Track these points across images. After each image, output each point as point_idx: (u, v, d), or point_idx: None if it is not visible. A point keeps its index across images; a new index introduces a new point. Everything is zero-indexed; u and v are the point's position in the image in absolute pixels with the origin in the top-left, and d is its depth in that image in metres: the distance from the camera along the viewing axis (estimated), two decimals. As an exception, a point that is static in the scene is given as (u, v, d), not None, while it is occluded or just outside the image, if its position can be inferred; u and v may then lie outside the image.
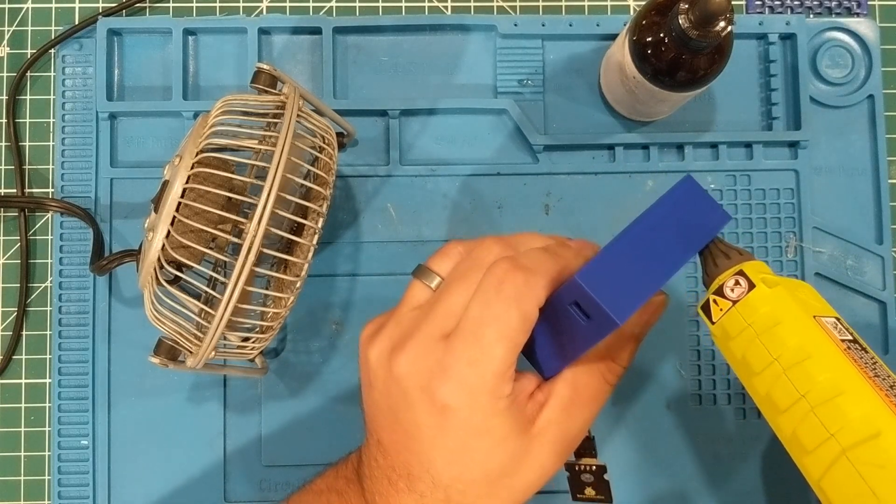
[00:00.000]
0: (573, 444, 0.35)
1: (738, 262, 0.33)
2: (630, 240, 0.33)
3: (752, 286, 0.32)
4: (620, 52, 0.46)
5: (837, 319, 0.33)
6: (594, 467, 0.38)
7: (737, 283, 0.33)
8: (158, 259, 0.39)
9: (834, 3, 0.54)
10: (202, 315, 0.42)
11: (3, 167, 0.52)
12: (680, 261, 0.33)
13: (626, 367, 0.36)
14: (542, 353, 0.35)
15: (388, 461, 0.35)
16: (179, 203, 0.38)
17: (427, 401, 0.33)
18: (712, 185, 0.52)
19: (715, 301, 0.33)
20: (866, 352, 0.33)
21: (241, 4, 0.53)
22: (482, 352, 0.32)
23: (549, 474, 0.35)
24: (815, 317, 0.32)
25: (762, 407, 0.33)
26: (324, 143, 0.43)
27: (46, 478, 0.50)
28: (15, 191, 0.52)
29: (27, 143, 0.52)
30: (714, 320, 0.34)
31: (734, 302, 0.33)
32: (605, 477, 0.38)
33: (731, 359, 0.34)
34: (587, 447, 0.38)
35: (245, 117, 0.41)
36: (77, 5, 0.53)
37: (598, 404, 0.35)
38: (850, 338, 0.33)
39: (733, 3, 0.44)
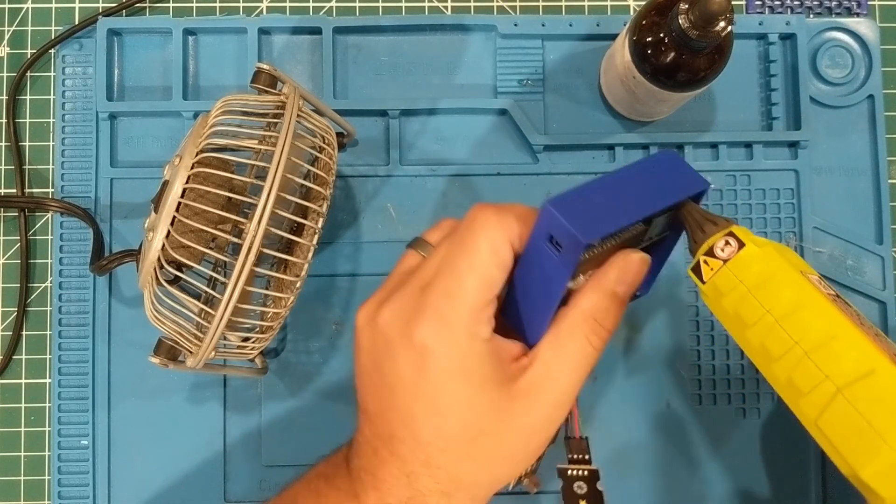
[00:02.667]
0: (559, 410, 0.35)
1: (725, 227, 0.34)
2: (604, 182, 0.34)
3: (742, 245, 0.34)
4: (620, 52, 0.46)
5: (820, 277, 0.35)
6: (586, 472, 0.38)
7: (727, 243, 0.34)
8: (158, 259, 0.39)
9: (834, 3, 0.54)
10: (202, 315, 0.42)
11: (3, 167, 0.52)
12: (652, 206, 0.33)
13: (612, 330, 0.35)
14: (524, 312, 0.35)
15: (373, 429, 0.35)
16: (179, 203, 0.38)
17: (407, 344, 0.33)
18: (713, 186, 0.52)
19: (706, 261, 0.34)
20: (849, 305, 0.35)
21: (241, 4, 0.53)
22: (456, 283, 0.33)
23: (534, 443, 0.35)
24: (801, 272, 0.34)
25: (755, 358, 0.34)
26: (324, 143, 0.43)
27: (46, 478, 0.50)
28: (15, 191, 0.52)
29: (27, 143, 0.52)
30: (705, 280, 0.35)
31: (725, 261, 0.34)
32: (599, 486, 0.38)
33: (723, 315, 0.35)
34: (581, 448, 0.38)
35: (245, 117, 0.41)
36: (77, 5, 0.53)
37: (583, 369, 0.34)
38: (834, 293, 0.35)
39: (733, 3, 0.44)
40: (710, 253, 0.34)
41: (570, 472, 0.38)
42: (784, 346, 0.33)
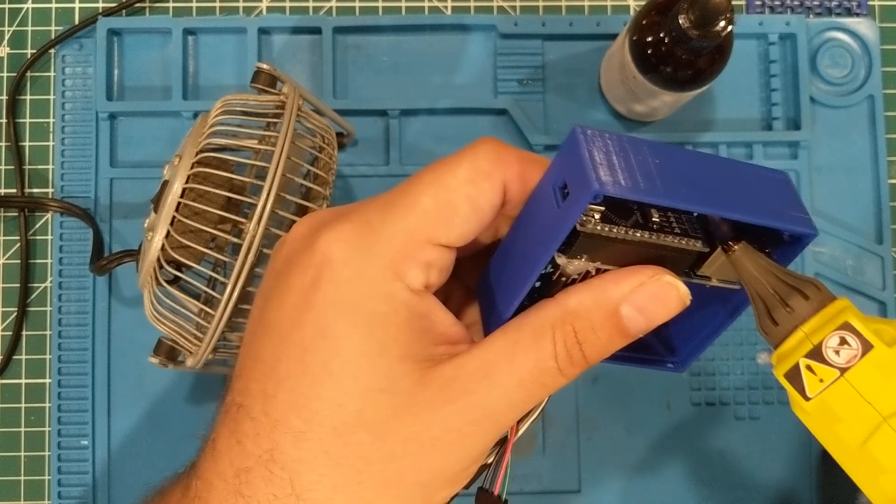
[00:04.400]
0: (479, 432, 0.24)
1: (822, 303, 0.24)
2: (672, 150, 0.24)
3: (867, 346, 0.24)
4: (620, 51, 0.46)
5: None
6: None
7: (843, 341, 0.24)
8: (158, 259, 0.39)
9: (834, 3, 0.54)
10: (202, 315, 0.42)
11: (3, 167, 0.52)
12: (722, 207, 0.23)
13: (589, 358, 0.24)
14: (496, 287, 0.26)
15: (229, 387, 0.26)
16: (179, 203, 0.38)
17: (307, 254, 0.24)
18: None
19: (809, 368, 0.24)
20: None
21: (240, 4, 0.53)
22: (404, 196, 0.24)
23: (430, 471, 0.24)
24: None
25: None
26: (324, 142, 0.43)
27: (46, 478, 0.50)
28: (15, 191, 0.52)
29: (27, 143, 0.52)
30: (810, 395, 0.25)
31: (842, 370, 0.24)
32: None
33: (837, 445, 0.25)
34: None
35: (245, 117, 0.41)
36: (77, 5, 0.53)
37: (533, 389, 0.24)
38: None
39: (733, 3, 0.44)
40: (817, 355, 0.24)
41: None
42: None
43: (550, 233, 0.23)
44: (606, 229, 0.23)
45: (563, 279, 0.25)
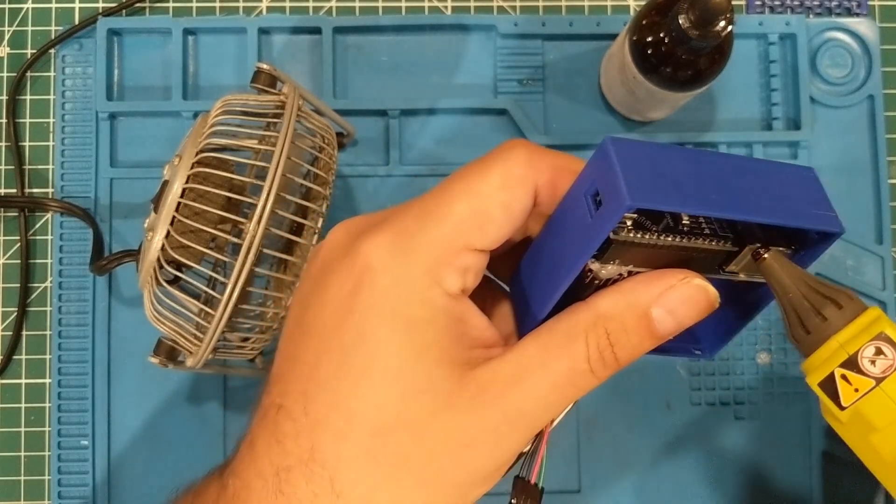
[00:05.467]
0: (514, 432, 0.25)
1: (855, 313, 0.24)
2: (698, 153, 0.25)
3: None
4: (620, 52, 0.46)
5: None
6: None
7: (879, 351, 0.24)
8: (158, 259, 0.39)
9: (834, 4, 0.54)
10: (202, 315, 0.42)
11: (3, 167, 0.52)
12: (749, 211, 0.24)
13: (621, 360, 0.25)
14: (529, 290, 0.27)
15: (265, 390, 0.26)
16: (179, 203, 0.38)
17: (348, 261, 0.25)
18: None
19: (844, 377, 0.24)
20: None
21: (240, 4, 0.53)
22: (439, 204, 0.25)
23: (466, 469, 0.25)
24: None
25: None
26: (324, 142, 0.43)
27: (46, 478, 0.50)
28: (15, 191, 0.52)
29: (27, 143, 0.52)
30: (844, 404, 0.24)
31: (878, 380, 0.24)
32: None
33: (873, 456, 0.25)
34: (530, 497, 0.28)
35: (245, 117, 0.41)
36: (77, 5, 0.53)
37: (566, 390, 0.25)
38: None
39: (733, 3, 0.44)
40: (852, 365, 0.24)
41: None
42: None
43: (584, 241, 0.24)
44: (639, 236, 0.24)
45: (596, 282, 0.25)
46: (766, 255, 0.25)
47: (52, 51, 0.52)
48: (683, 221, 0.25)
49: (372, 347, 0.24)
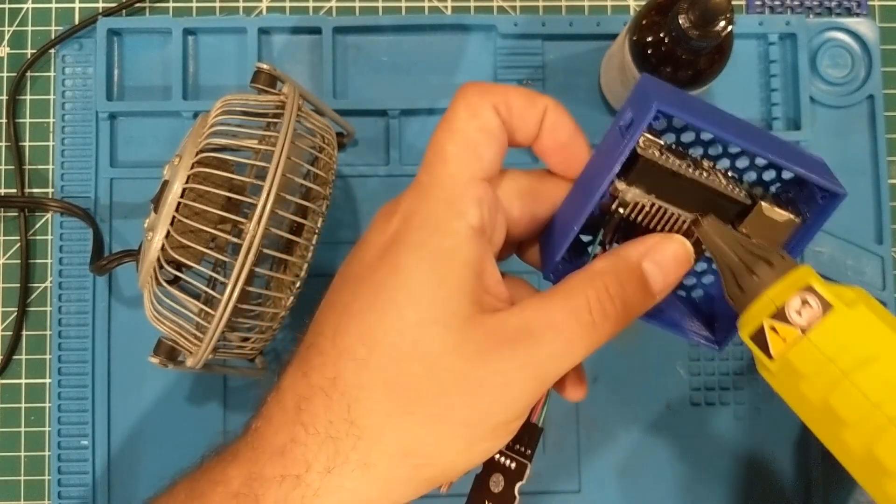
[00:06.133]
0: (531, 377, 0.26)
1: (785, 269, 0.25)
2: (719, 109, 0.28)
3: (827, 306, 0.25)
4: (620, 52, 0.46)
5: None
6: (513, 465, 0.29)
7: (804, 302, 0.25)
8: (158, 259, 0.39)
9: (834, 3, 0.54)
10: (202, 315, 0.42)
11: (3, 167, 0.52)
12: (762, 147, 0.26)
13: (620, 309, 0.27)
14: (559, 220, 0.29)
15: (309, 334, 0.28)
16: (179, 203, 0.38)
17: (383, 221, 0.28)
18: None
19: (773, 328, 0.25)
20: None
21: (241, 4, 0.53)
22: (433, 153, 0.28)
23: (485, 412, 0.26)
24: None
25: (857, 467, 0.25)
26: (324, 142, 0.43)
27: (46, 478, 0.50)
28: (15, 191, 0.52)
29: (27, 143, 0.52)
30: (774, 354, 0.25)
31: (804, 329, 0.25)
32: (517, 490, 0.30)
33: (800, 403, 0.26)
34: (529, 435, 0.29)
35: (245, 117, 0.41)
36: (77, 5, 0.53)
37: (573, 340, 0.26)
38: None
39: (733, 3, 0.44)
40: (780, 316, 0.25)
41: (496, 456, 0.29)
42: None
43: (613, 156, 0.26)
44: (663, 158, 0.27)
45: (620, 211, 0.28)
46: (703, 221, 0.27)
47: (52, 51, 0.52)
48: (704, 165, 0.28)
49: (401, 278, 0.26)
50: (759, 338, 0.26)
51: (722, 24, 0.39)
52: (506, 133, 0.28)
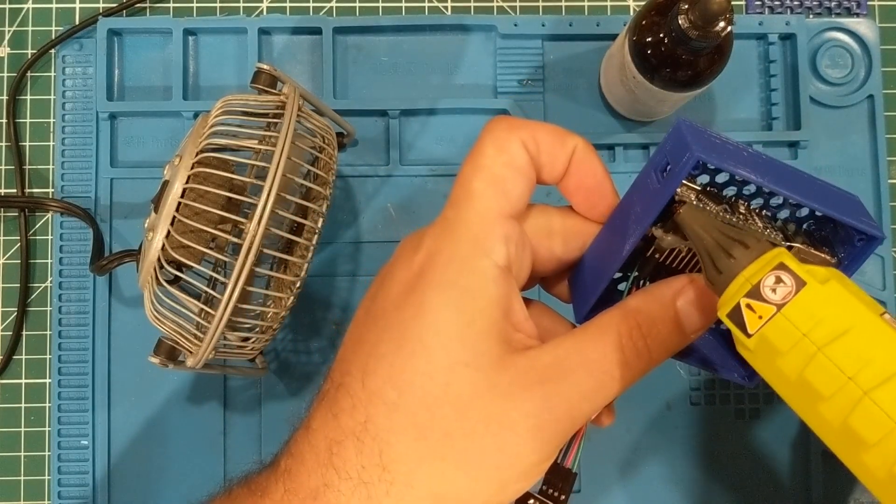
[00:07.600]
0: (562, 418, 0.26)
1: (761, 251, 0.26)
2: (753, 150, 0.28)
3: (800, 283, 0.25)
4: (620, 52, 0.46)
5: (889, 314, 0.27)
6: None
7: (778, 280, 0.25)
8: (158, 259, 0.39)
9: (834, 4, 0.54)
10: (202, 315, 0.42)
11: (3, 167, 0.52)
12: (800, 193, 0.26)
13: (654, 349, 0.27)
14: (590, 266, 0.29)
15: (336, 372, 0.28)
16: (179, 203, 0.38)
17: (409, 254, 0.28)
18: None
19: (749, 306, 0.26)
20: None
21: (241, 4, 0.53)
22: (461, 189, 0.28)
23: (509, 455, 0.26)
24: (880, 315, 0.25)
25: (833, 440, 0.25)
26: (324, 143, 0.43)
27: (46, 478, 0.50)
28: (15, 191, 0.52)
29: (27, 143, 0.52)
30: (750, 332, 0.26)
31: (779, 306, 0.25)
32: None
33: (778, 379, 0.26)
34: (563, 480, 0.29)
35: (245, 117, 0.41)
36: (77, 5, 0.53)
37: (605, 380, 0.26)
38: None
39: (733, 3, 0.44)
40: (756, 294, 0.26)
41: (531, 500, 0.29)
42: (881, 426, 0.24)
43: (650, 204, 0.26)
44: (701, 206, 0.26)
45: (656, 256, 0.28)
46: (681, 210, 0.27)
47: (52, 51, 0.52)
48: (740, 210, 0.27)
49: (428, 319, 0.26)
50: (737, 316, 0.26)
51: (722, 24, 0.39)
52: (534, 170, 0.28)
